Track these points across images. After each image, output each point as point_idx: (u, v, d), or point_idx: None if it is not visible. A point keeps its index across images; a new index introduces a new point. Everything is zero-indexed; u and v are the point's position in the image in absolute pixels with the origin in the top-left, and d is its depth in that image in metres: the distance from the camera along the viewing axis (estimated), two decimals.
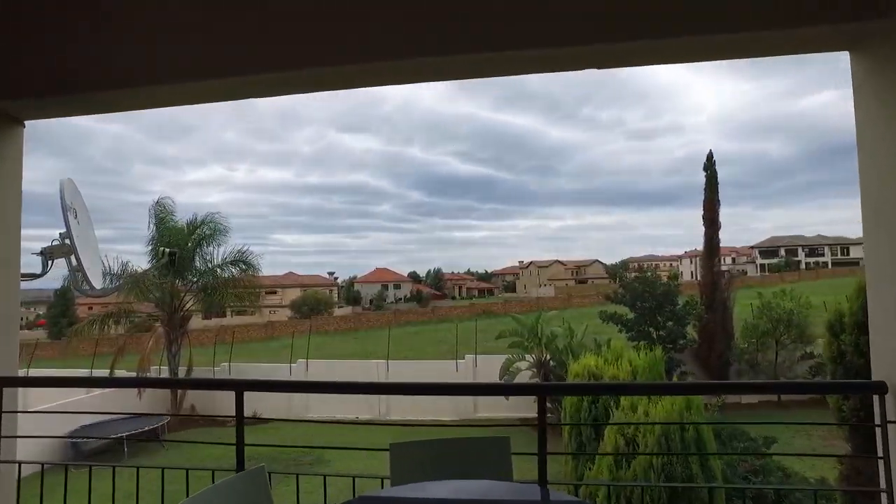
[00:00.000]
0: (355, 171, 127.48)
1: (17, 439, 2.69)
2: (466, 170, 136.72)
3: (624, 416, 5.17)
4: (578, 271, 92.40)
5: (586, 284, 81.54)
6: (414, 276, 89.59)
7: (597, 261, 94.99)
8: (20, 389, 3.00)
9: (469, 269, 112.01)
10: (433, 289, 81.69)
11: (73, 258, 2.91)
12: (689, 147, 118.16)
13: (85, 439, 13.35)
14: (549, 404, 10.44)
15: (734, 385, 11.23)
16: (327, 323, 45.54)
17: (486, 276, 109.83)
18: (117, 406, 14.82)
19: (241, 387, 1.99)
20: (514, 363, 14.75)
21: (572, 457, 7.57)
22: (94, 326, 17.21)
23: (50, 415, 13.29)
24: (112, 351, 17.14)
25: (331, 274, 77.20)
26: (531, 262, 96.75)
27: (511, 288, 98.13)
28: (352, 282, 78.72)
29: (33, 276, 2.86)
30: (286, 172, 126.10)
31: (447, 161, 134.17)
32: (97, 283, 3.05)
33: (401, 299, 72.88)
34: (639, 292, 16.52)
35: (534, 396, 2.95)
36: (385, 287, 74.87)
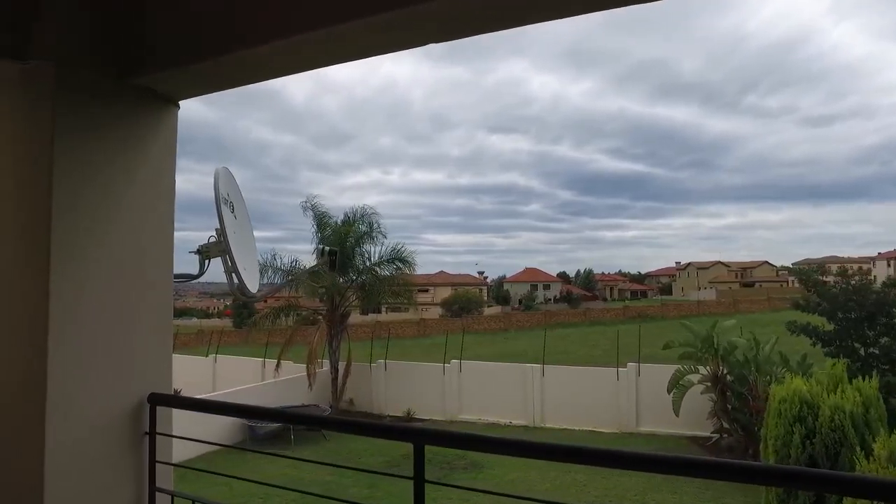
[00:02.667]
0: (505, 171, 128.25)
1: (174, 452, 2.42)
2: (618, 167, 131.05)
3: (878, 467, 3.88)
4: (744, 273, 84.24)
5: (753, 288, 74.27)
6: (563, 277, 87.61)
7: (766, 262, 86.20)
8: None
9: (620, 270, 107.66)
10: (583, 290, 79.10)
11: (227, 257, 2.61)
12: (885, 132, 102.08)
13: (257, 424, 14.28)
14: (724, 424, 8.80)
15: None
16: (477, 322, 45.79)
17: (638, 278, 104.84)
18: (286, 394, 15.76)
19: (421, 439, 1.45)
20: (685, 376, 13.20)
21: None
22: (267, 320, 18.56)
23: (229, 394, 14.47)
24: (281, 341, 18.38)
25: (480, 273, 77.88)
26: (689, 263, 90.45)
27: (667, 290, 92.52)
28: (501, 281, 78.79)
29: (190, 277, 2.59)
30: (438, 174, 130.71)
31: (597, 159, 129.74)
32: (254, 284, 2.73)
33: (550, 300, 71.45)
34: (840, 301, 13.97)
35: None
36: (534, 287, 73.84)
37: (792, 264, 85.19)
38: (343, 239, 16.42)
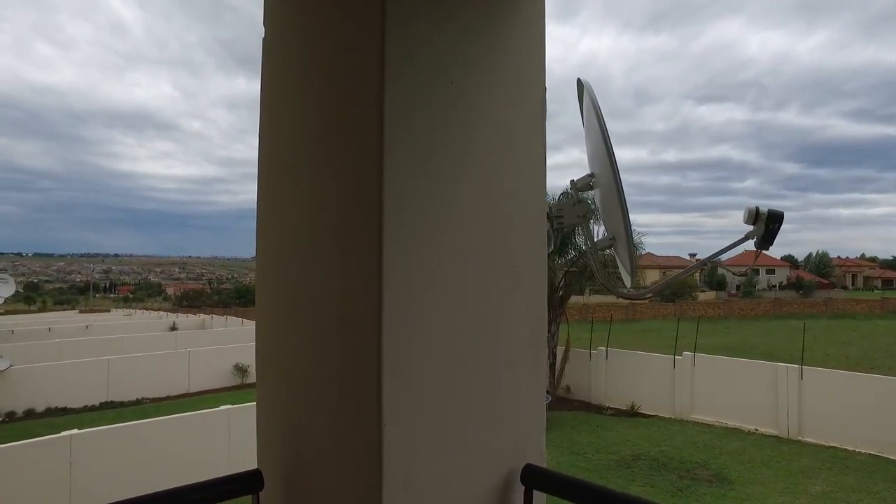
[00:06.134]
0: (715, 144, 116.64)
1: None
2: (861, 132, 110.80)
3: None
4: None
5: None
6: (790, 261, 76.81)
7: None
8: None
9: (864, 254, 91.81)
10: (817, 276, 68.39)
11: (590, 227, 1.59)
12: None
13: None
14: None
15: None
16: (691, 308, 41.84)
17: (892, 263, 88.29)
18: None
19: None
20: None
21: None
22: None
23: None
24: None
25: (692, 255, 71.31)
26: None
27: None
28: (716, 265, 71.28)
29: None
30: (641, 151, 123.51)
31: (833, 124, 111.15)
32: (626, 272, 1.69)
33: (775, 286, 62.83)
34: None
35: None
36: (755, 272, 65.48)
37: None
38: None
